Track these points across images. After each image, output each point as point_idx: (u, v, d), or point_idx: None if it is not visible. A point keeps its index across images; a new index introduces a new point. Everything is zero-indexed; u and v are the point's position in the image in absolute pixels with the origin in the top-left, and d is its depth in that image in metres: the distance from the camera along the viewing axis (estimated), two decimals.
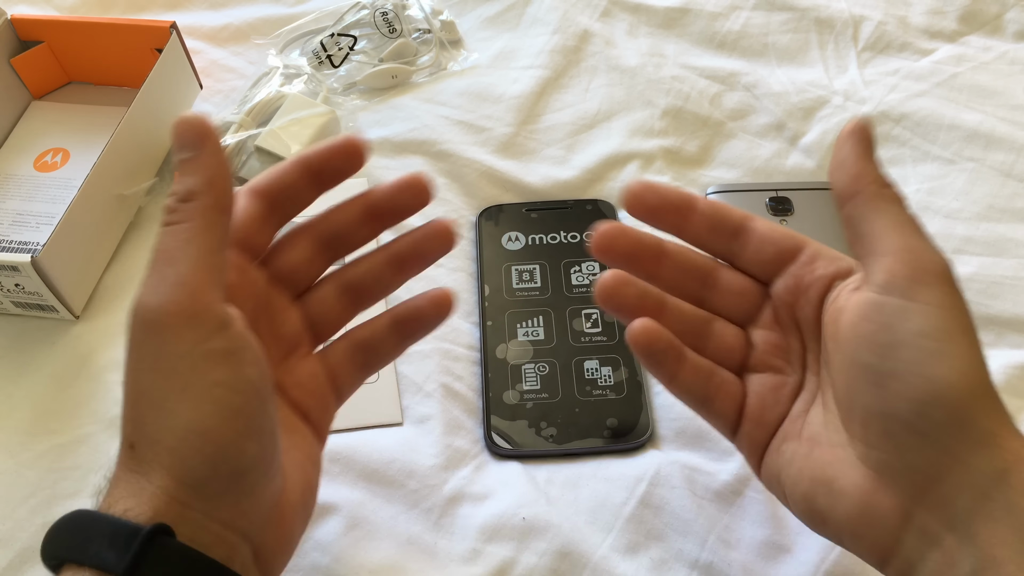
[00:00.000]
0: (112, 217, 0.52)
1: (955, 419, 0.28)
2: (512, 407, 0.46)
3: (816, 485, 0.32)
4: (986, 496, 0.28)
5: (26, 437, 0.45)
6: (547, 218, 0.54)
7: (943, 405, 0.28)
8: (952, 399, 0.28)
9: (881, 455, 0.30)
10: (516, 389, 0.47)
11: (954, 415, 0.28)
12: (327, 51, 0.63)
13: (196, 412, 0.27)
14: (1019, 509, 0.27)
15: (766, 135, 0.60)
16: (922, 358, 0.29)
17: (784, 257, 0.36)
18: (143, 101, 0.52)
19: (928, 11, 0.67)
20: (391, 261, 0.37)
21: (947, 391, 0.28)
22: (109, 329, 0.49)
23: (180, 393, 0.27)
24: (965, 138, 0.58)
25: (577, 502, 0.43)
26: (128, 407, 0.29)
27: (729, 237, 0.37)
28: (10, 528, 0.42)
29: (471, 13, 0.68)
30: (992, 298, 0.50)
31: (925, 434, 0.29)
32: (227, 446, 0.28)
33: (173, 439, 0.27)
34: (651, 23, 0.66)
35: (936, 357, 0.29)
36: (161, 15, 0.67)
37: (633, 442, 0.45)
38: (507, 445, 0.45)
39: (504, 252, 0.53)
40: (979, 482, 0.28)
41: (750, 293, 0.37)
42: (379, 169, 0.57)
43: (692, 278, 0.37)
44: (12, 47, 0.58)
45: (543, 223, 0.54)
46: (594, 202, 0.55)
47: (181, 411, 0.27)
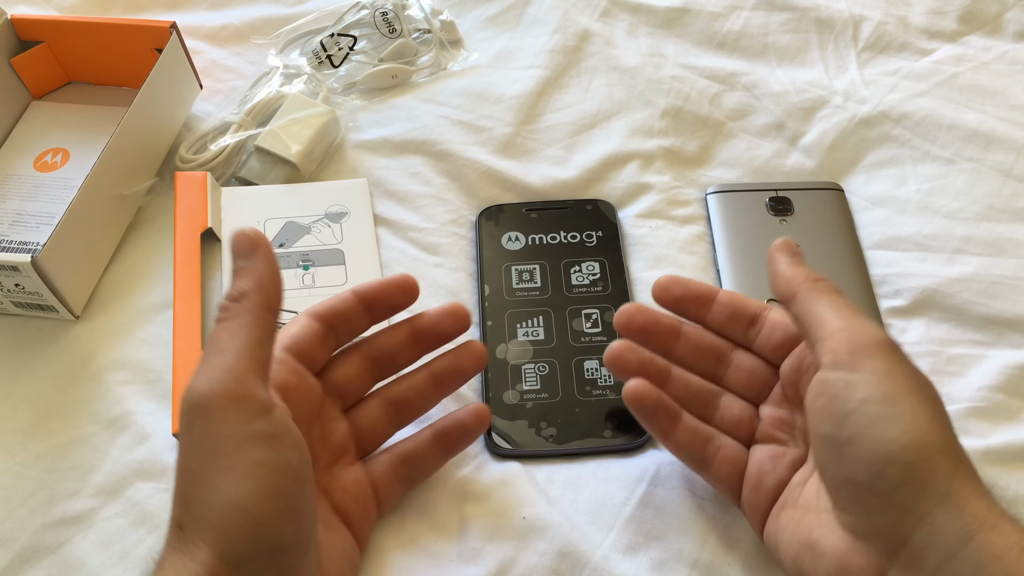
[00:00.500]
0: (112, 217, 0.52)
1: (911, 478, 0.30)
2: (512, 407, 0.46)
3: (803, 548, 0.34)
4: (952, 557, 0.29)
5: (26, 437, 0.45)
6: (547, 218, 0.54)
7: (896, 465, 0.30)
8: (904, 459, 0.30)
9: (853, 518, 0.32)
10: (516, 389, 0.47)
11: (909, 474, 0.30)
12: (327, 51, 0.63)
13: (238, 490, 0.29)
14: (988, 572, 0.28)
15: (766, 135, 0.60)
16: (870, 423, 0.31)
17: (791, 341, 0.40)
18: (143, 101, 0.52)
19: (928, 11, 0.67)
20: (431, 379, 0.42)
21: (898, 452, 0.30)
22: (109, 329, 0.49)
23: (224, 471, 0.29)
24: (965, 138, 0.58)
25: (577, 502, 0.43)
26: (178, 488, 0.30)
27: (746, 325, 0.41)
28: (10, 528, 0.42)
29: (471, 13, 0.68)
30: (992, 298, 0.50)
31: (885, 495, 0.30)
32: (267, 524, 0.29)
33: (216, 516, 0.29)
34: (651, 23, 0.66)
35: (883, 421, 0.31)
36: (161, 15, 0.67)
37: (633, 442, 0.45)
38: (507, 445, 0.44)
39: (504, 252, 0.53)
40: (945, 541, 0.29)
41: (762, 373, 0.41)
42: (379, 169, 0.57)
43: (707, 357, 0.42)
44: (12, 47, 0.58)
45: (543, 223, 0.54)
46: (594, 202, 0.55)
47: (225, 488, 0.29)
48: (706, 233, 0.54)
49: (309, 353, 0.39)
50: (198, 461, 0.30)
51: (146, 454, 0.44)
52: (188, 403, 0.30)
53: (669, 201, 0.56)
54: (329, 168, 0.57)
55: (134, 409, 0.46)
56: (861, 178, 0.57)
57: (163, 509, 0.43)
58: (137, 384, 0.47)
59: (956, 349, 0.49)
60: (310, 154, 0.56)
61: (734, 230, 0.54)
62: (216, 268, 0.51)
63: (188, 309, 0.48)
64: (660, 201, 0.55)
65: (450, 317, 0.41)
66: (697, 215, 0.55)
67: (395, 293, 0.41)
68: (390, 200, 0.56)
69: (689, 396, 0.41)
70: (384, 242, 0.54)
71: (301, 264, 0.51)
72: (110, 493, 0.43)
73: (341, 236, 0.53)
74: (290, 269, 0.51)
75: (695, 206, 0.56)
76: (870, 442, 0.31)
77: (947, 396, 0.47)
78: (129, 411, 0.46)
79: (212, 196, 0.53)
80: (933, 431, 0.31)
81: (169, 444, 0.45)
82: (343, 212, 0.54)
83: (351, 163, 0.58)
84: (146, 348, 0.49)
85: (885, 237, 0.54)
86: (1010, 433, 0.45)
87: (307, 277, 0.51)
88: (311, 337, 0.39)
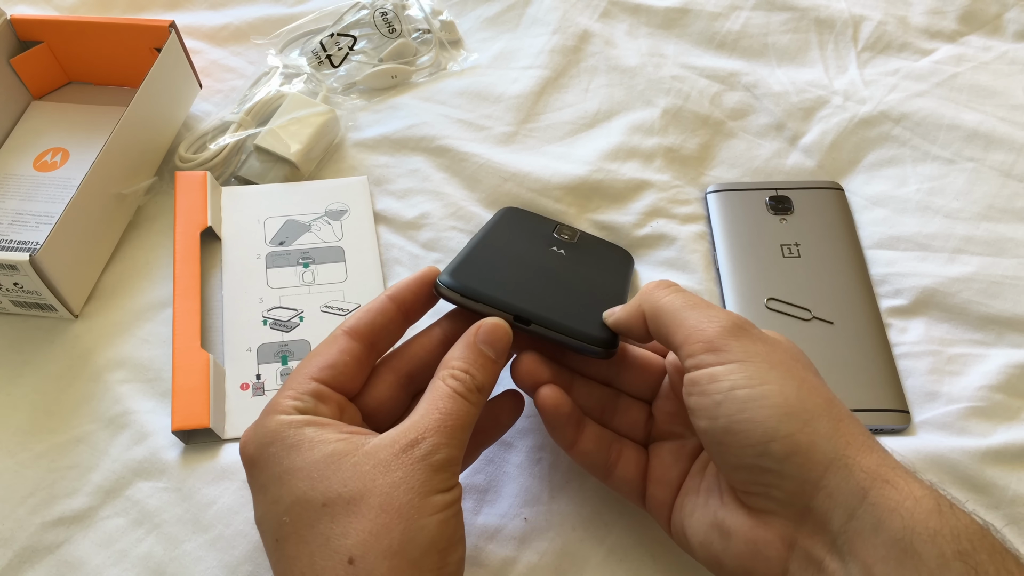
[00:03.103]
0: (111, 216, 0.52)
1: (795, 448, 0.31)
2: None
3: (711, 531, 0.35)
4: (852, 516, 0.30)
5: (25, 436, 0.45)
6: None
7: (777, 440, 0.31)
8: (783, 432, 0.31)
9: (753, 497, 0.33)
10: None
11: (792, 445, 0.31)
12: (327, 51, 0.63)
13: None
14: (887, 526, 0.29)
15: (766, 135, 0.60)
16: (742, 408, 0.32)
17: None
18: (142, 100, 0.52)
19: (928, 11, 0.67)
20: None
21: (775, 427, 0.31)
22: (108, 328, 0.49)
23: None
24: (965, 138, 0.58)
25: (579, 500, 0.43)
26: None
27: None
28: (10, 527, 0.42)
29: (471, 13, 0.68)
30: (992, 298, 0.50)
31: (776, 471, 0.31)
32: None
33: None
34: (651, 23, 0.66)
35: (752, 403, 0.32)
36: (161, 15, 0.67)
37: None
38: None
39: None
40: (843, 501, 0.30)
41: (651, 368, 0.41)
42: (378, 167, 0.57)
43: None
44: (12, 47, 0.58)
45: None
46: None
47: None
48: (706, 232, 0.54)
49: (350, 383, 0.37)
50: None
51: (145, 453, 0.44)
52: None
53: (669, 200, 0.56)
54: (328, 167, 0.57)
55: (133, 408, 0.46)
56: (861, 178, 0.57)
57: (162, 508, 0.43)
58: (136, 383, 0.47)
59: (956, 349, 0.49)
60: (309, 153, 0.56)
61: (734, 229, 0.54)
62: (215, 267, 0.51)
63: (187, 308, 0.48)
64: (660, 200, 0.55)
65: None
66: (697, 214, 0.55)
67: (428, 290, 0.40)
68: (390, 197, 0.56)
69: (591, 402, 0.41)
70: (384, 239, 0.54)
71: (301, 262, 0.51)
72: (109, 492, 0.43)
73: (341, 233, 0.53)
74: (290, 267, 0.51)
75: (695, 205, 0.56)
76: (747, 426, 0.32)
77: (947, 396, 0.47)
78: (128, 410, 0.46)
79: (212, 195, 0.53)
80: (804, 398, 0.32)
81: (168, 443, 0.45)
82: (343, 210, 0.54)
83: (350, 162, 0.58)
84: (145, 347, 0.49)
85: (885, 237, 0.54)
86: (1010, 433, 0.45)
87: (307, 275, 0.51)
88: (352, 363, 0.37)
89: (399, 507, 0.31)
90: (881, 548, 0.29)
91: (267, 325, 0.49)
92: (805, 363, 0.35)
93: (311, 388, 0.35)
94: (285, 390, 0.35)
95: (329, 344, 0.37)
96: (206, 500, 0.43)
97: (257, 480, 0.34)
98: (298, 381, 0.36)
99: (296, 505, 0.32)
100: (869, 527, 0.29)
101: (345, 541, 0.30)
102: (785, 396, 0.32)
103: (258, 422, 0.35)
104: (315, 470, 0.32)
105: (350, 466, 0.32)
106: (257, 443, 0.34)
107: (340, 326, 0.38)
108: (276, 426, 0.34)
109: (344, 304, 0.50)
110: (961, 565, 0.28)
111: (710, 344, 0.34)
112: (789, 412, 0.31)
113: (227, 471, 0.44)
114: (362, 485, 0.31)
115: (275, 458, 0.33)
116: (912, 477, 0.30)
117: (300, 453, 0.32)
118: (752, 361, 0.33)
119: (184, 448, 0.45)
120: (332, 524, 0.31)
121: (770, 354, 0.33)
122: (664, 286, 0.37)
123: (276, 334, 0.48)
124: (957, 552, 0.28)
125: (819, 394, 0.33)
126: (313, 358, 0.37)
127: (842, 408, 0.33)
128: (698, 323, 0.35)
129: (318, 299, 0.50)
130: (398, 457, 0.32)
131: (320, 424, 0.34)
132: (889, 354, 0.48)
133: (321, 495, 0.31)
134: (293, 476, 0.32)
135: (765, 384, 0.32)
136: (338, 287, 0.51)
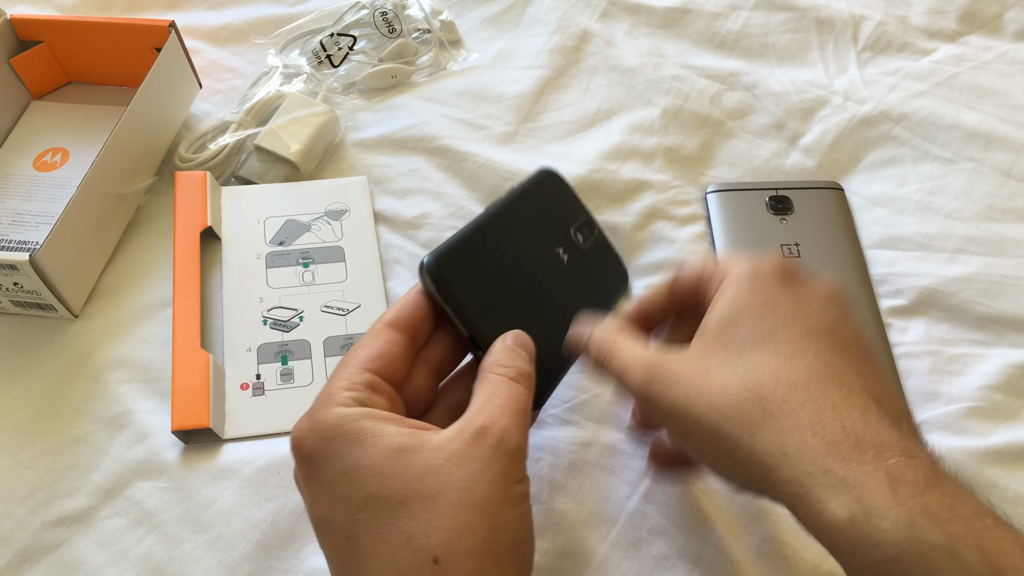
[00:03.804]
0: (111, 216, 0.52)
1: (750, 418, 0.30)
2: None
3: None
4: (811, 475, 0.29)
5: (25, 436, 0.45)
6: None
7: (731, 421, 0.30)
8: (737, 409, 0.30)
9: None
10: None
11: (746, 416, 0.30)
12: (327, 51, 0.63)
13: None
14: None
15: (766, 135, 0.60)
16: (697, 419, 0.31)
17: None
18: (142, 100, 0.52)
19: (928, 11, 0.67)
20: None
21: (732, 409, 0.31)
22: (108, 328, 0.49)
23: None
24: (965, 138, 0.58)
25: (580, 497, 0.43)
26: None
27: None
28: (9, 527, 0.42)
29: (471, 13, 0.68)
30: (992, 298, 0.50)
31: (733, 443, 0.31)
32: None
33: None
34: (651, 23, 0.66)
35: (698, 407, 0.32)
36: (161, 15, 0.67)
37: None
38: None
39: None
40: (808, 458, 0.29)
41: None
42: (378, 167, 0.57)
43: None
44: (12, 47, 0.58)
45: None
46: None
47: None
48: (706, 232, 0.54)
49: (398, 374, 0.36)
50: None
51: (145, 453, 0.44)
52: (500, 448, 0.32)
53: (669, 200, 0.56)
54: (328, 167, 0.57)
55: (133, 408, 0.46)
56: (861, 178, 0.57)
57: (162, 508, 0.43)
58: (136, 383, 0.47)
59: (956, 349, 0.49)
60: (309, 153, 0.56)
61: (734, 229, 0.54)
62: (215, 267, 0.51)
63: (187, 308, 0.48)
64: (660, 200, 0.55)
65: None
66: (697, 215, 0.55)
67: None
68: (390, 197, 0.56)
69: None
70: (384, 239, 0.54)
71: (301, 262, 0.51)
72: (109, 492, 0.43)
73: (341, 233, 0.53)
74: (290, 267, 0.51)
75: (695, 205, 0.56)
76: (705, 428, 0.31)
77: (947, 396, 0.47)
78: (128, 410, 0.46)
79: (212, 195, 0.53)
80: (750, 382, 0.31)
81: (168, 442, 0.45)
82: (343, 209, 0.54)
83: (350, 162, 0.58)
84: (145, 347, 0.49)
85: (885, 237, 0.54)
86: (1010, 433, 0.45)
87: (307, 274, 0.51)
88: (400, 354, 0.36)
89: (479, 502, 0.30)
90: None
91: (267, 325, 0.49)
92: (745, 341, 0.33)
93: (366, 379, 0.34)
94: (337, 380, 0.34)
95: (374, 336, 0.36)
96: (206, 500, 0.43)
97: (318, 477, 0.32)
98: (351, 371, 0.35)
99: (370, 503, 0.31)
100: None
101: (428, 540, 0.30)
102: (727, 386, 0.31)
103: (313, 415, 0.33)
104: (385, 467, 0.31)
105: (421, 461, 0.31)
106: (316, 437, 0.32)
107: (380, 320, 0.37)
108: (335, 419, 0.32)
109: (344, 304, 0.50)
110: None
111: (650, 372, 0.34)
112: (738, 400, 0.31)
113: (227, 471, 0.44)
114: (438, 480, 0.30)
115: (338, 454, 0.32)
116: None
117: (364, 448, 0.31)
118: (698, 369, 0.33)
119: (184, 448, 0.45)
120: (412, 522, 0.30)
121: (708, 354, 0.33)
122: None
123: (276, 334, 0.48)
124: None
125: (761, 375, 0.31)
126: (360, 349, 0.36)
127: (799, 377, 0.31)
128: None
129: (318, 299, 0.50)
130: (471, 447, 0.31)
131: (378, 417, 0.33)
132: (889, 354, 0.48)
133: (397, 492, 0.30)
134: (362, 473, 0.31)
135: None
136: (338, 287, 0.51)
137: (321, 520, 0.32)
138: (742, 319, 0.33)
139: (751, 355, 0.32)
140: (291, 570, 0.41)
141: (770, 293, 0.34)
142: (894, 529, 0.26)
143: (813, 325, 0.33)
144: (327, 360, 0.48)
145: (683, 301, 0.39)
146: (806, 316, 0.33)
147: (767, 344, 0.32)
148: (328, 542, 0.32)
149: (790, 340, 0.32)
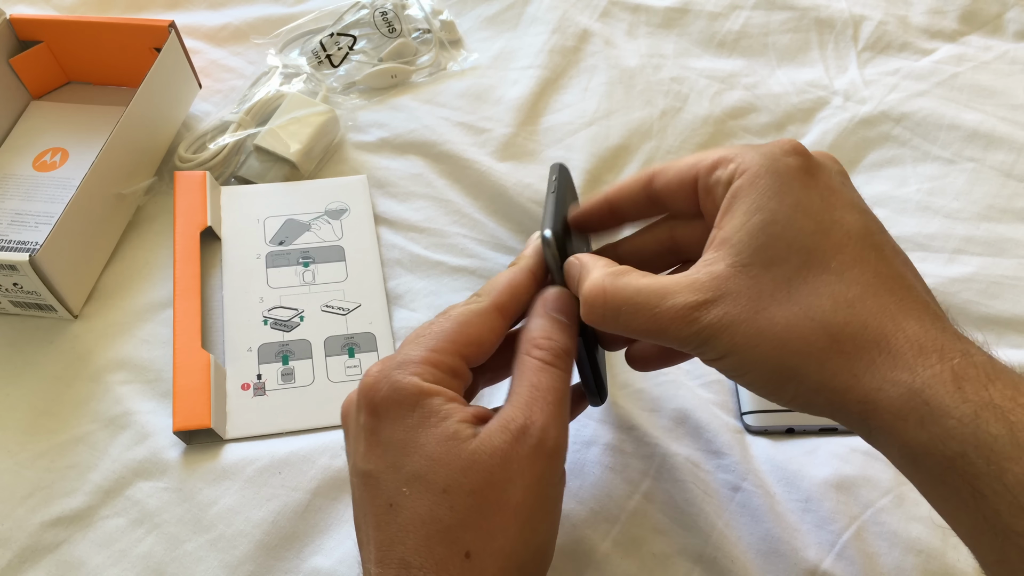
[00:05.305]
0: (111, 216, 0.52)
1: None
2: None
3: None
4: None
5: (24, 436, 0.45)
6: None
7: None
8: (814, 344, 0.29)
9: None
10: None
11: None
12: (327, 51, 0.63)
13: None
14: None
15: (766, 135, 0.60)
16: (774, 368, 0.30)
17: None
18: (141, 100, 0.52)
19: (928, 11, 0.67)
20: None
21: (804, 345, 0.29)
22: (108, 328, 0.49)
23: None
24: (965, 138, 0.58)
25: (581, 496, 0.43)
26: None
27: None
28: (9, 528, 0.42)
29: (471, 13, 0.68)
30: (992, 298, 0.50)
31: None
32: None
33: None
34: (651, 23, 0.66)
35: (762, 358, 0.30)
36: (161, 15, 0.67)
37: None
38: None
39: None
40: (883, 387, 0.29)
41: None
42: (380, 170, 0.57)
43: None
44: (11, 47, 0.58)
45: None
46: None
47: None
48: None
49: (485, 358, 0.35)
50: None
51: (146, 453, 0.44)
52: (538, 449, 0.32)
53: None
54: (328, 167, 0.57)
55: (133, 408, 0.46)
56: (861, 178, 0.57)
57: (163, 508, 0.43)
58: (136, 383, 0.47)
59: None
60: (309, 153, 0.56)
61: None
62: (215, 267, 0.51)
63: (187, 308, 0.48)
64: None
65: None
66: None
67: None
68: (391, 200, 0.56)
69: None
70: (384, 239, 0.54)
71: (301, 261, 0.51)
72: (109, 492, 0.43)
73: (341, 232, 0.53)
74: (290, 266, 0.51)
75: None
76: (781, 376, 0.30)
77: None
78: (128, 410, 0.46)
79: (211, 195, 0.53)
80: (810, 310, 0.29)
81: (169, 443, 0.45)
82: (343, 209, 0.54)
83: (350, 163, 0.58)
84: (145, 347, 0.48)
85: None
86: None
87: (307, 274, 0.51)
88: (495, 343, 0.35)
89: (515, 506, 0.30)
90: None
91: (268, 325, 0.49)
92: (804, 285, 0.30)
93: (454, 364, 0.33)
94: (425, 349, 0.33)
95: (480, 318, 0.35)
96: (207, 500, 0.43)
97: (378, 432, 0.32)
98: (444, 346, 0.33)
99: (417, 481, 0.31)
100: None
101: (464, 534, 0.30)
102: (789, 332, 0.30)
103: (392, 369, 0.33)
104: (435, 451, 0.31)
105: (468, 454, 0.31)
106: (391, 391, 0.32)
107: (488, 298, 0.35)
108: (412, 388, 0.32)
109: (344, 303, 0.50)
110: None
111: (696, 325, 0.31)
112: (796, 344, 0.29)
113: (228, 471, 0.44)
114: (479, 478, 0.30)
115: (403, 421, 0.32)
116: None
117: (427, 428, 0.31)
118: (751, 324, 0.30)
119: (185, 448, 0.44)
120: (451, 512, 0.30)
121: (758, 306, 0.30)
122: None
123: (277, 334, 0.48)
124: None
125: (824, 315, 0.29)
126: (461, 328, 0.34)
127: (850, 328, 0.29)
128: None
129: (318, 298, 0.50)
130: (512, 447, 0.31)
131: (449, 398, 0.32)
132: None
133: (443, 479, 0.30)
134: (416, 449, 0.31)
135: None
136: (338, 286, 0.51)
137: (367, 474, 0.32)
138: (778, 231, 0.30)
139: (802, 276, 0.30)
140: (292, 570, 0.41)
141: (797, 195, 0.31)
142: (960, 426, 0.27)
143: (848, 227, 0.31)
144: (328, 360, 0.48)
145: (667, 202, 0.36)
146: (840, 217, 0.31)
147: (814, 260, 0.30)
148: (368, 496, 0.32)
149: (835, 250, 0.30)
